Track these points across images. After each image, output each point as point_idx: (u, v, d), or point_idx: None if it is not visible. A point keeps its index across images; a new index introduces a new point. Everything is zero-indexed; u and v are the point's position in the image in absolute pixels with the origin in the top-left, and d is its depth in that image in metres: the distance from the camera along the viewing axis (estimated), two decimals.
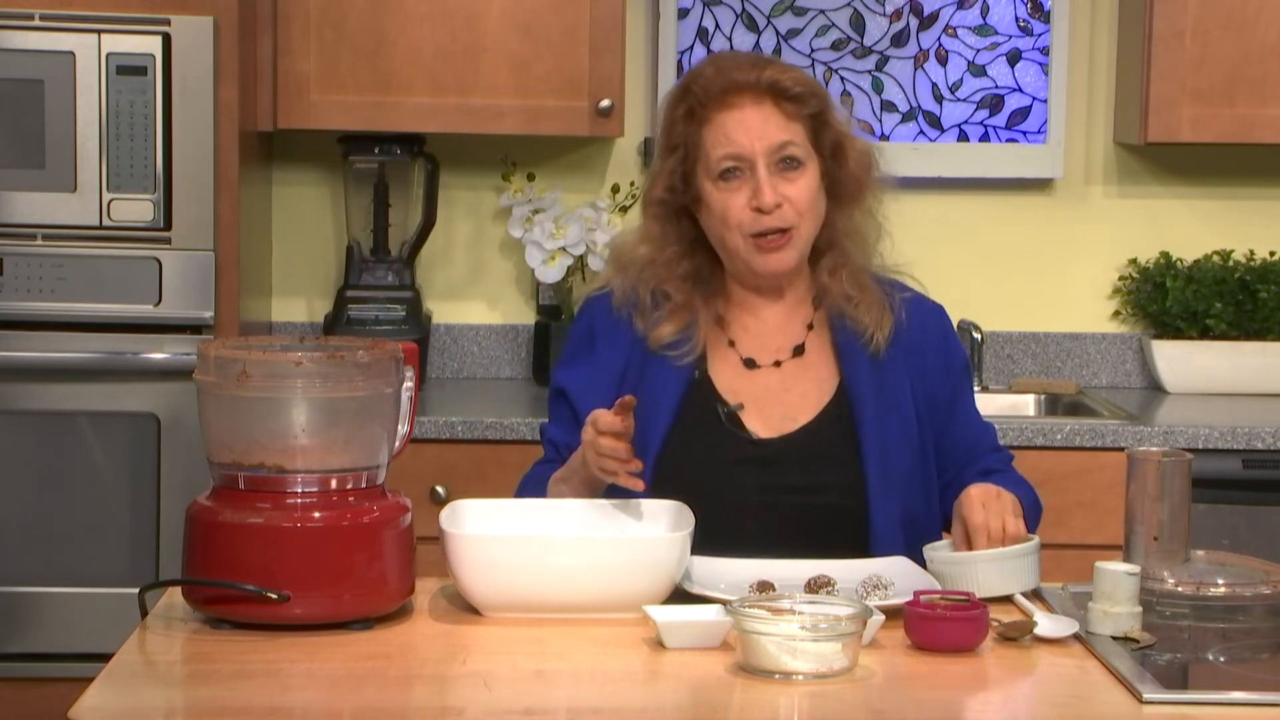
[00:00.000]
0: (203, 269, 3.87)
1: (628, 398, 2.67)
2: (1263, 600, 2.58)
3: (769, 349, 2.92)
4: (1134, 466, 2.64)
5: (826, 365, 2.91)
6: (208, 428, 2.51)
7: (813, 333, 2.93)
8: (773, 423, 2.87)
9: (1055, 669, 2.40)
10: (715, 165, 2.83)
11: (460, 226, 4.56)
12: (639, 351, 2.89)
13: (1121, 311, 4.61)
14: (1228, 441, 4.00)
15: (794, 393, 2.89)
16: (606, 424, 2.66)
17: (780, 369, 2.91)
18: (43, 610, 3.88)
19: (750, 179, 2.82)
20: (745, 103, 2.84)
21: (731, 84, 2.84)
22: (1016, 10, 4.56)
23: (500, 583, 2.52)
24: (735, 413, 2.86)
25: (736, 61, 2.88)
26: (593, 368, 2.90)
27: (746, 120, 2.83)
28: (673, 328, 2.88)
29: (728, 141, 2.83)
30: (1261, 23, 4.27)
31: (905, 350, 2.90)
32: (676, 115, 2.89)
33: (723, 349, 2.91)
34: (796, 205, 2.83)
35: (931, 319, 2.97)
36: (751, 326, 2.93)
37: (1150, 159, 4.58)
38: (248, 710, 2.21)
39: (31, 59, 3.82)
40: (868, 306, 2.90)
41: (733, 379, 2.89)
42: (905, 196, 4.58)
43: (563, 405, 2.92)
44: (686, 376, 2.87)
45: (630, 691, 2.31)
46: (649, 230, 2.93)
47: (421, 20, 4.19)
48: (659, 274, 2.90)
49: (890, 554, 2.76)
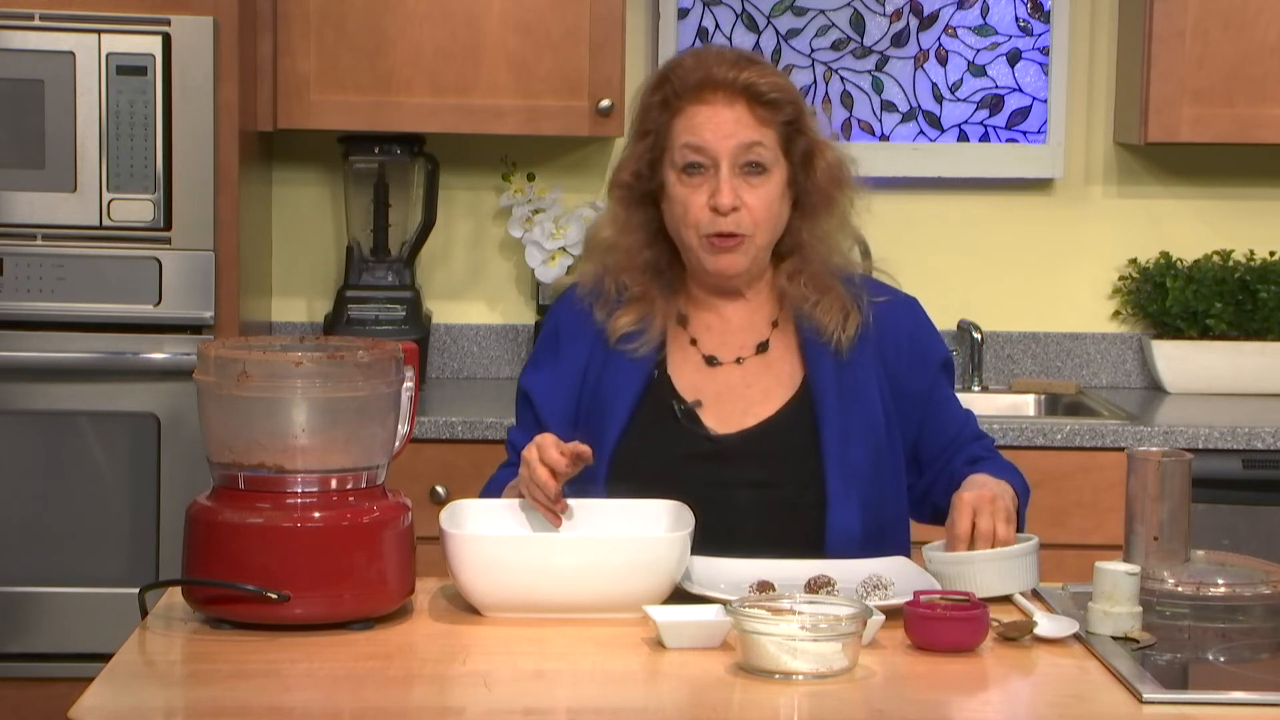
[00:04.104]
0: (203, 269, 3.87)
1: (584, 449, 2.65)
2: (1263, 600, 2.58)
3: (732, 346, 2.91)
4: (1134, 466, 2.64)
5: (791, 362, 2.90)
6: (208, 428, 2.51)
7: (778, 330, 2.92)
8: (732, 419, 2.86)
9: (1055, 669, 2.40)
10: (679, 157, 2.82)
11: (460, 226, 4.56)
12: (600, 348, 2.89)
13: (1121, 311, 4.61)
14: (1228, 441, 4.00)
15: (755, 389, 2.88)
16: (551, 460, 2.65)
17: (742, 366, 2.90)
18: (43, 610, 3.88)
19: (712, 177, 2.81)
20: (719, 100, 2.82)
21: (708, 79, 2.82)
22: (1016, 10, 4.56)
23: (500, 583, 2.52)
24: (693, 409, 2.86)
25: (719, 57, 2.85)
26: (556, 370, 2.91)
27: (717, 117, 2.82)
28: (629, 318, 2.87)
29: (694, 135, 2.81)
30: (1261, 23, 4.27)
31: (875, 349, 2.88)
32: (652, 102, 2.87)
33: (684, 347, 2.91)
34: (754, 213, 2.82)
35: (904, 316, 2.94)
36: (714, 325, 2.92)
37: (1150, 159, 4.58)
38: (248, 710, 2.21)
39: (31, 59, 3.82)
40: (827, 308, 2.87)
41: (693, 376, 2.89)
42: (905, 196, 4.63)
43: (526, 409, 2.93)
44: (646, 374, 2.87)
45: (630, 691, 2.31)
46: (614, 214, 2.93)
47: (421, 20, 4.19)
48: (620, 262, 2.90)
49: (847, 551, 2.75)
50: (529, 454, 2.68)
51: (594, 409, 2.86)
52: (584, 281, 2.94)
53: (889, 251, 4.55)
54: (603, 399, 2.84)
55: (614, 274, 2.90)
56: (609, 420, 2.83)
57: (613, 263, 2.91)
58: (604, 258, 2.92)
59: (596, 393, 2.84)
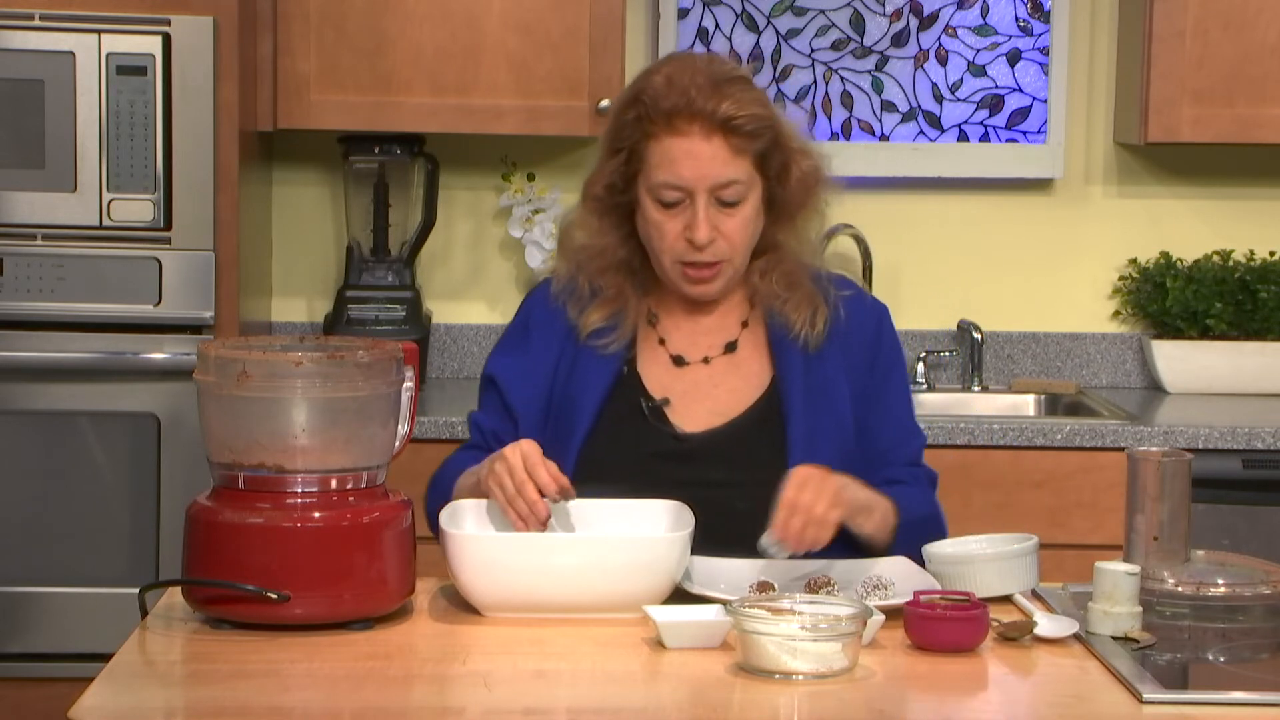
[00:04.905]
0: (203, 269, 3.87)
1: (571, 490, 2.64)
2: (1263, 600, 2.58)
3: (700, 346, 2.90)
4: (1134, 466, 2.64)
5: (760, 362, 2.89)
6: (208, 428, 2.51)
7: (747, 329, 2.91)
8: (699, 418, 2.85)
9: (1055, 669, 2.41)
10: (656, 187, 2.80)
11: (460, 226, 4.56)
12: (571, 343, 2.88)
13: (1121, 311, 4.61)
14: (1228, 441, 4.00)
15: (723, 389, 2.88)
16: (542, 481, 2.61)
17: (710, 365, 2.89)
18: (43, 610, 3.88)
19: (688, 208, 2.79)
20: (695, 132, 2.78)
21: (686, 107, 2.77)
22: (1016, 10, 4.56)
23: (500, 583, 2.52)
24: (660, 407, 2.85)
25: (693, 79, 2.79)
26: (525, 358, 2.90)
27: (694, 151, 2.78)
28: (600, 315, 2.87)
29: (671, 171, 2.78)
30: (1261, 23, 4.27)
31: (841, 345, 2.88)
32: (626, 119, 2.84)
33: (653, 345, 2.90)
34: (730, 239, 2.81)
35: (870, 316, 2.93)
36: (684, 324, 2.92)
37: (1150, 159, 4.58)
38: (248, 710, 2.21)
39: (31, 59, 3.82)
40: (797, 304, 2.87)
41: (661, 375, 2.88)
42: (905, 196, 4.63)
43: (492, 393, 2.92)
44: (615, 371, 2.86)
45: (630, 691, 2.31)
46: (587, 221, 2.91)
47: (421, 20, 4.19)
48: (594, 262, 2.89)
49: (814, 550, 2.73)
50: (512, 458, 2.64)
51: (563, 404, 2.85)
52: (559, 277, 2.93)
53: (889, 251, 4.59)
54: (572, 394, 2.84)
55: (587, 273, 2.90)
56: (578, 416, 2.83)
57: (586, 262, 2.90)
58: (577, 257, 2.92)
59: (566, 387, 2.84)
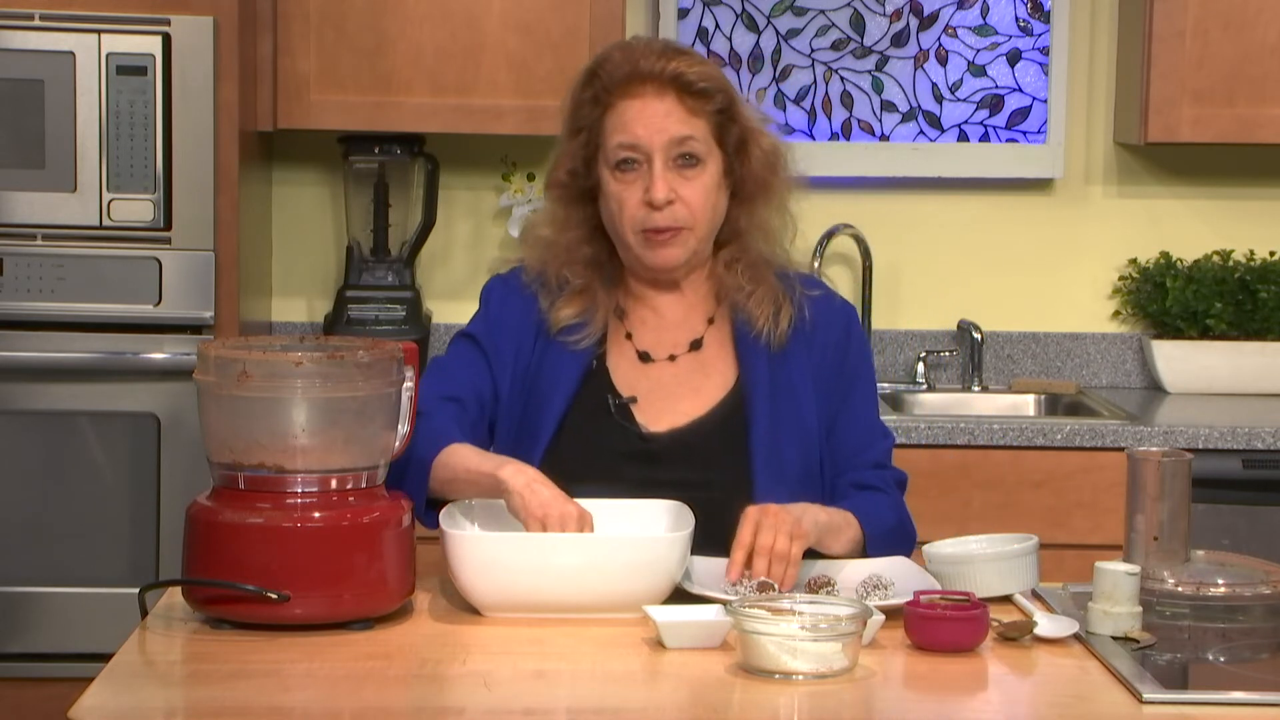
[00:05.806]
0: (203, 269, 3.87)
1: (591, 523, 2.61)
2: (1263, 600, 2.58)
3: (665, 343, 2.89)
4: (1134, 466, 2.64)
5: (725, 360, 2.88)
6: (208, 428, 2.51)
7: (712, 328, 2.90)
8: (664, 417, 2.84)
9: (1055, 669, 2.40)
10: (612, 154, 2.80)
11: (460, 226, 4.56)
12: (541, 336, 2.87)
13: (1121, 311, 4.61)
14: (1228, 441, 4.00)
15: (688, 387, 2.86)
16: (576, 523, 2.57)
17: (675, 363, 2.88)
18: (43, 610, 3.88)
19: (646, 172, 2.79)
20: (648, 93, 2.79)
21: (636, 72, 2.79)
22: (1016, 10, 4.56)
23: (500, 583, 2.52)
24: (627, 405, 2.84)
25: (647, 49, 2.82)
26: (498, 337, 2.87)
27: (647, 111, 2.78)
28: (571, 311, 2.85)
29: (626, 131, 2.79)
30: (1261, 23, 4.27)
31: (806, 345, 2.86)
32: (583, 98, 2.84)
33: (621, 341, 2.89)
34: (690, 205, 2.80)
35: (837, 316, 2.92)
36: (650, 320, 2.90)
37: (1150, 159, 4.58)
38: (248, 710, 2.21)
39: (31, 59, 3.82)
40: (760, 299, 2.85)
41: (628, 371, 2.87)
42: (905, 196, 4.63)
43: (470, 346, 2.89)
44: (584, 365, 2.85)
45: (630, 691, 2.31)
46: (552, 212, 2.90)
47: (421, 20, 4.19)
48: (560, 257, 2.88)
49: None
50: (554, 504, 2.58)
51: (532, 397, 2.84)
52: (529, 268, 2.91)
53: (889, 251, 4.59)
54: (542, 388, 2.83)
55: (555, 268, 2.89)
56: (546, 410, 2.82)
57: (552, 258, 2.89)
58: (544, 253, 2.90)
59: (536, 380, 2.83)
